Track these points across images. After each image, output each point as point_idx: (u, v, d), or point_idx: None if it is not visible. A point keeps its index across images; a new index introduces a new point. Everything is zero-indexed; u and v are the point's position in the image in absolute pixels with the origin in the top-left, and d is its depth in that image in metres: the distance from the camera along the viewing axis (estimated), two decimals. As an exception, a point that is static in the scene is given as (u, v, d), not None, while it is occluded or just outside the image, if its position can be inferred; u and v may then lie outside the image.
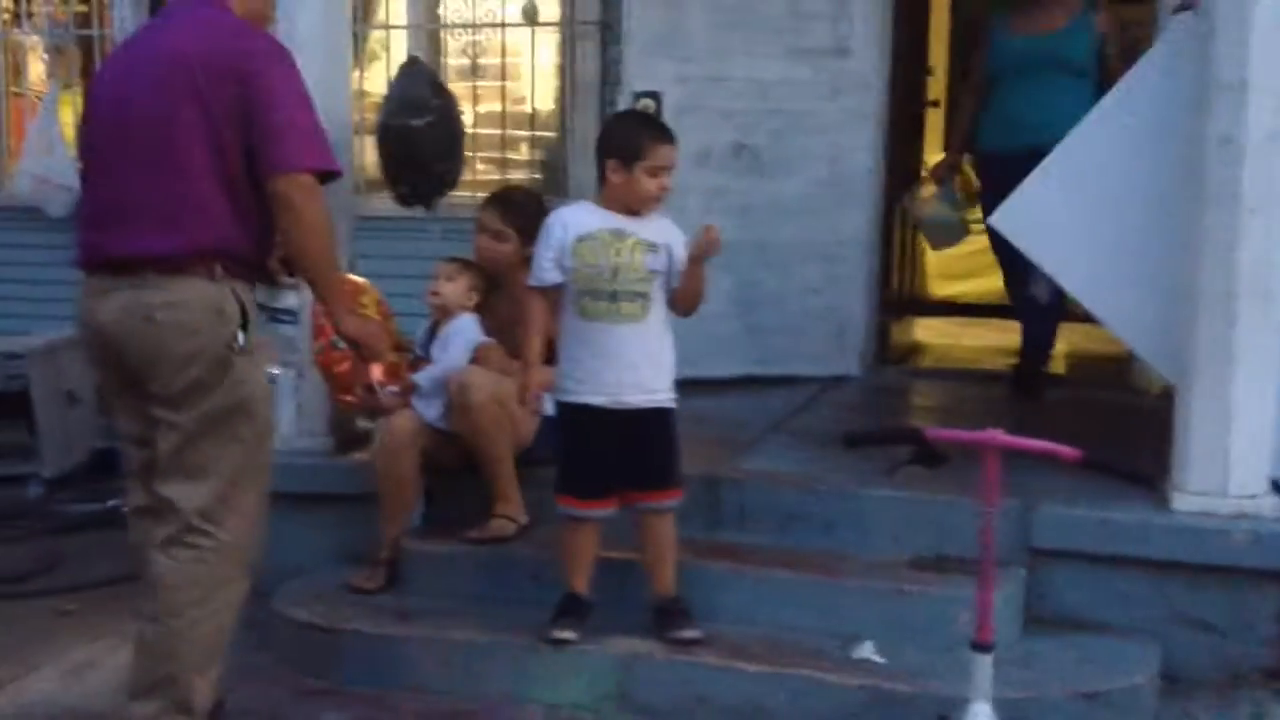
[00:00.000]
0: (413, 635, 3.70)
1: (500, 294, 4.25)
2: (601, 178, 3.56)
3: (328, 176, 3.08)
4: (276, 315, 3.34)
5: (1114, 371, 6.18)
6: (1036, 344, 5.57)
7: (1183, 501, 3.70)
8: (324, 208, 3.02)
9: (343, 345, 3.94)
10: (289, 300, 3.39)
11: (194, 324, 2.98)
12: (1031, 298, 5.24)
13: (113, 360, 3.09)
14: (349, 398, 4.16)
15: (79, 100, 7.28)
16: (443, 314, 4.21)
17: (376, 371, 4.06)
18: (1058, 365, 7.01)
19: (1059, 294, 4.97)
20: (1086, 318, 7.14)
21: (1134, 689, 3.37)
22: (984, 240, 5.53)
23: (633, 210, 3.53)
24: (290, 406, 4.43)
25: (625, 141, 3.53)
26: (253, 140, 2.97)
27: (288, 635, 3.85)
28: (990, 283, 9.13)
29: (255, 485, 3.11)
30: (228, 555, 3.06)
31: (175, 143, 2.97)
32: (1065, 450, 2.89)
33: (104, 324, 3.05)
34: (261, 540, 3.19)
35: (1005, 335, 7.85)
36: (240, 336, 3.01)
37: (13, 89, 7.32)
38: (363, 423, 4.51)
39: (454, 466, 4.15)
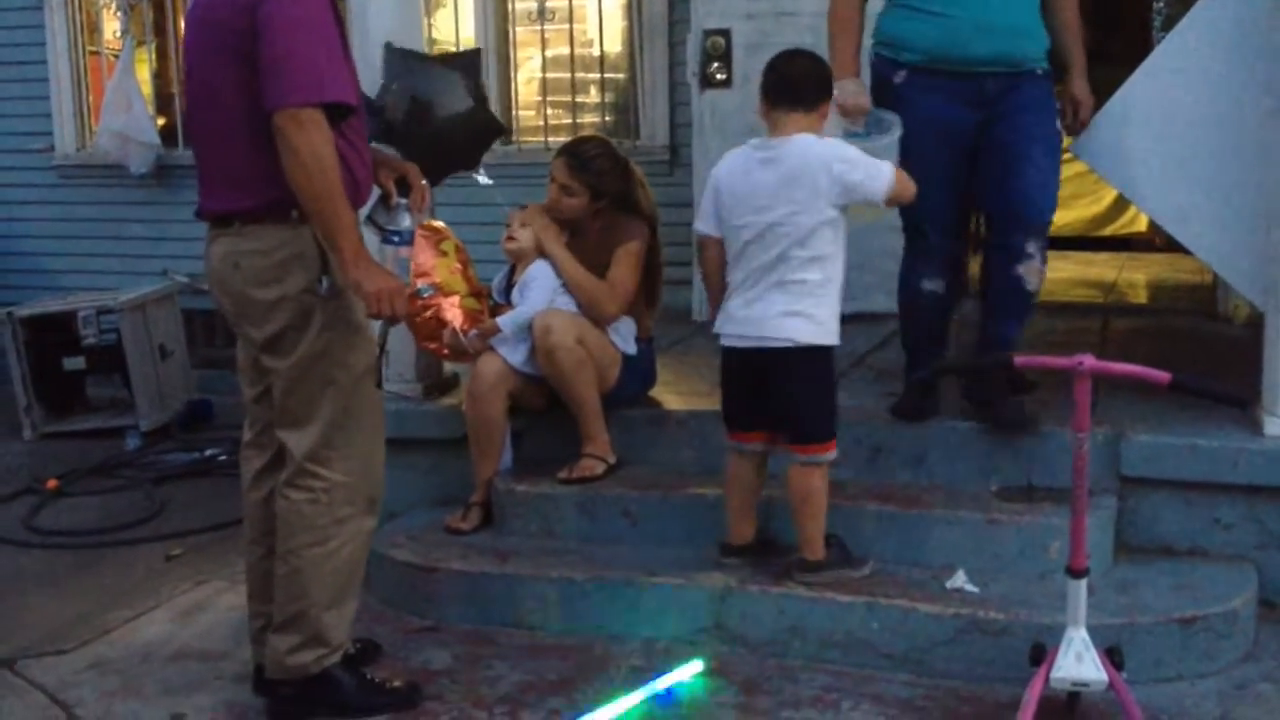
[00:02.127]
0: (511, 573, 3.79)
1: (576, 240, 4.28)
2: (811, 111, 3.47)
3: (341, 108, 2.97)
4: (389, 236, 3.30)
5: (1198, 300, 6.14)
6: (1006, 341, 3.90)
7: (1274, 426, 3.68)
8: (318, 143, 2.87)
9: (426, 293, 4.01)
10: (403, 221, 3.32)
11: (274, 270, 3.04)
12: (1017, 279, 3.82)
13: (221, 305, 3.20)
14: (433, 345, 4.23)
15: (154, 57, 7.41)
16: (519, 259, 4.26)
17: (457, 318, 4.13)
18: (1139, 296, 6.97)
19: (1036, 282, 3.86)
20: (1168, 246, 7.15)
21: (1231, 614, 3.38)
22: (1064, 170, 5.19)
23: None
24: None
25: (826, 80, 3.53)
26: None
27: (389, 575, 3.96)
28: (1073, 214, 9.09)
29: (361, 426, 3.18)
30: (341, 495, 3.15)
31: (225, 109, 3.00)
32: (1155, 373, 2.89)
33: (210, 271, 3.17)
34: (380, 478, 3.27)
35: (1087, 268, 7.85)
36: (324, 281, 3.04)
37: (89, 48, 7.43)
38: (450, 367, 4.59)
39: (541, 408, 4.22)
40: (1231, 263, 4.00)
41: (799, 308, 3.42)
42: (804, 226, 3.40)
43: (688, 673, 3.37)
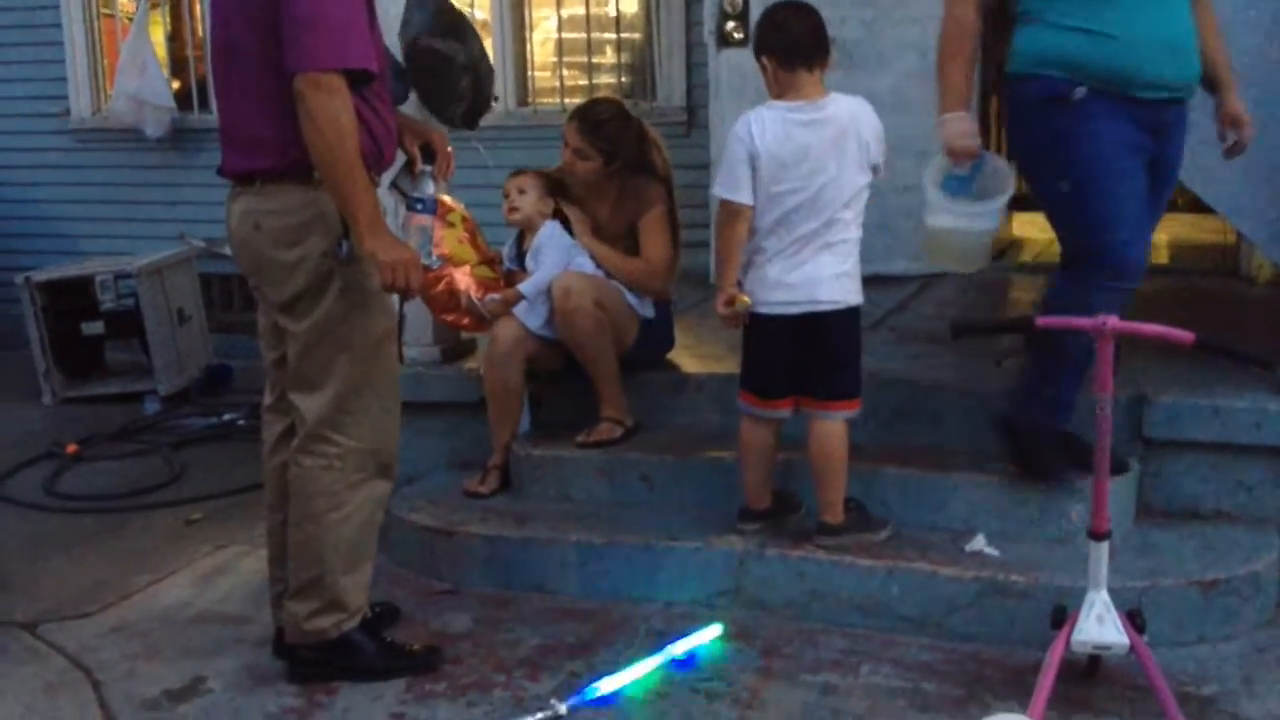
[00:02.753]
0: (529, 537, 3.78)
1: (592, 203, 4.25)
2: (823, 69, 3.44)
3: (363, 75, 2.95)
4: (413, 203, 3.29)
5: (1220, 260, 6.08)
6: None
7: (1298, 388, 3.66)
8: (338, 109, 2.85)
9: (436, 265, 3.99)
10: (428, 188, 3.32)
11: (294, 231, 3.03)
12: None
13: (239, 263, 3.19)
14: (450, 317, 4.20)
15: (168, 19, 7.38)
16: (526, 227, 4.23)
17: (470, 286, 4.10)
18: (1160, 256, 6.90)
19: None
20: (1191, 206, 7.08)
21: (1254, 576, 3.36)
22: None
23: None
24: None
25: None
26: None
27: (408, 539, 3.96)
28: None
29: (376, 391, 3.17)
30: (355, 460, 3.15)
31: (248, 68, 2.99)
32: (1179, 333, 2.85)
33: (230, 230, 3.16)
34: (394, 443, 3.26)
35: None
36: (344, 245, 3.03)
37: (103, 10, 7.40)
38: (467, 333, 4.57)
39: (558, 372, 4.21)
40: (1255, 222, 3.96)
41: (845, 268, 3.43)
42: (853, 186, 3.40)
43: (707, 636, 3.37)
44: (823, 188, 3.37)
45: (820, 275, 3.41)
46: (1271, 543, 3.52)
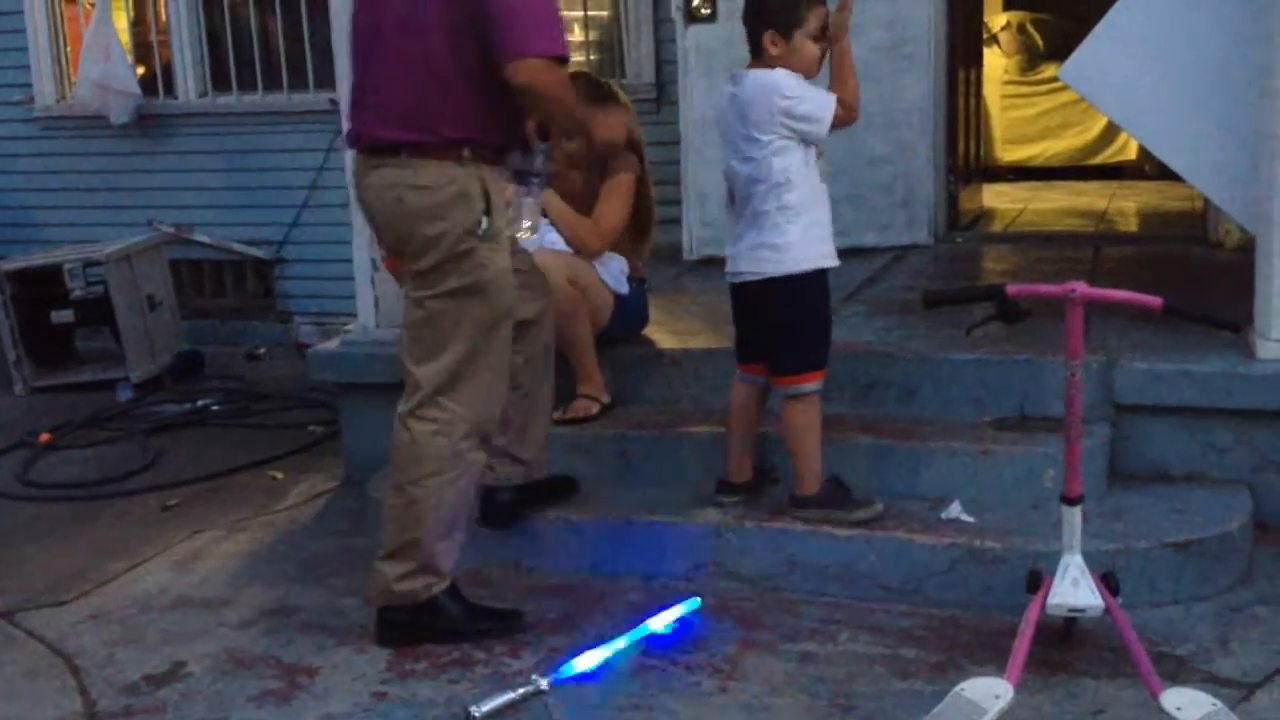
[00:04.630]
0: (507, 514, 3.79)
1: (568, 176, 4.23)
2: (757, 50, 3.43)
3: (559, 61, 3.13)
4: (525, 178, 3.37)
5: (1188, 226, 6.13)
6: None
7: (1266, 350, 3.68)
8: (559, 84, 3.10)
9: (533, 245, 4.01)
10: (540, 165, 3.42)
11: (440, 208, 3.10)
12: None
13: (377, 231, 3.34)
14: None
15: (131, 5, 7.31)
16: None
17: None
18: (1129, 224, 6.96)
19: None
20: (1159, 174, 7.12)
21: (1226, 537, 3.39)
22: (1052, 100, 5.17)
23: None
24: (369, 297, 4.50)
25: (782, 7, 3.40)
26: (485, 29, 3.04)
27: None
28: (1062, 144, 9.06)
29: (489, 363, 3.22)
30: (462, 428, 3.20)
31: (423, 46, 3.08)
32: (1147, 298, 2.88)
33: (367, 201, 3.26)
34: (495, 413, 3.31)
35: (1076, 198, 7.83)
36: (484, 222, 3.11)
37: (65, -4, 7.33)
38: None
39: (533, 350, 4.20)
40: (1222, 187, 3.98)
41: (763, 239, 3.46)
42: (758, 157, 3.41)
43: (686, 609, 3.38)
44: (740, 163, 3.45)
45: (741, 247, 3.50)
46: (1243, 504, 3.56)
